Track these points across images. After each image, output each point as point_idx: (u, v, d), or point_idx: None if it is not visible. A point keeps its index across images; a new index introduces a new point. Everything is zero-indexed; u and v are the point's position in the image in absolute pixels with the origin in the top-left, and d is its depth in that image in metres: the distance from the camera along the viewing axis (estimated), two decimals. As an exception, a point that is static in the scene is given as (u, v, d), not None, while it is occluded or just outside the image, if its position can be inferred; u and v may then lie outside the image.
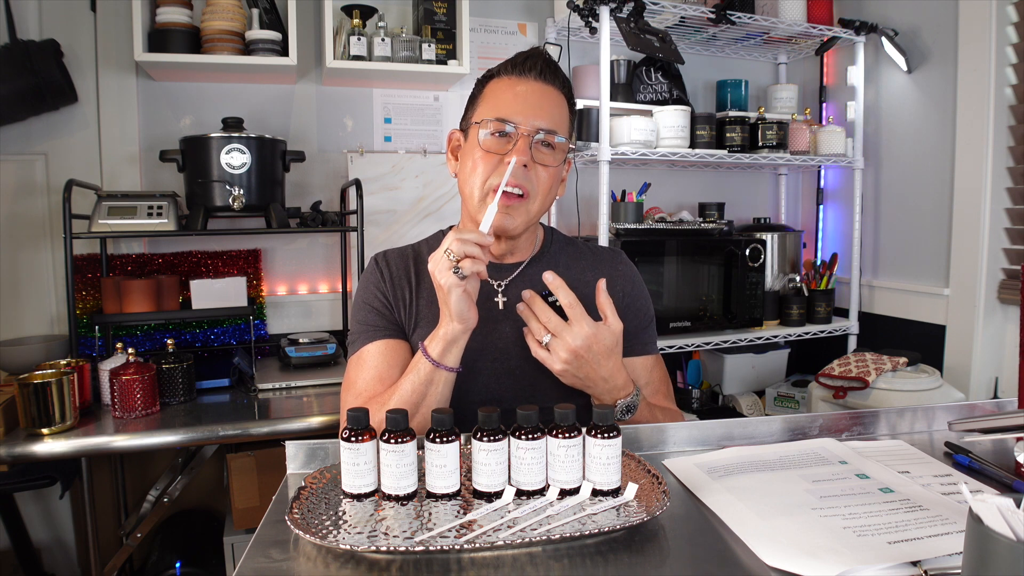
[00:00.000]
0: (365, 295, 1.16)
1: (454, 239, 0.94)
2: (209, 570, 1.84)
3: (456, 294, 0.95)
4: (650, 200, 2.42)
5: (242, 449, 1.83)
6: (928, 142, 2.19)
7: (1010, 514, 0.52)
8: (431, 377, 1.00)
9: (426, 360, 1.00)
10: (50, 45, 1.86)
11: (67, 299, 1.73)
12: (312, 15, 2.14)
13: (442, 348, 0.99)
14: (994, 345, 2.04)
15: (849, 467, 0.91)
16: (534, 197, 1.07)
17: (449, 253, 0.94)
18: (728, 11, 2.14)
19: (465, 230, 0.96)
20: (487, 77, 1.13)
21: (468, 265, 0.94)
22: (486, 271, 0.97)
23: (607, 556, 0.70)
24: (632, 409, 1.05)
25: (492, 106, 1.08)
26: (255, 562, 0.69)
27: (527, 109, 1.06)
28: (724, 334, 2.21)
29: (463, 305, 0.96)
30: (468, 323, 0.98)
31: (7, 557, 1.91)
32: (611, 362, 1.02)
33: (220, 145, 1.82)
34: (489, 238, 0.96)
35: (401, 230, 2.28)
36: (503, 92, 1.08)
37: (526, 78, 1.09)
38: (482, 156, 1.06)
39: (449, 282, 0.95)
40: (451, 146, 1.17)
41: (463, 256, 0.94)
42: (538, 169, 1.07)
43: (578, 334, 0.98)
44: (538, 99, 1.08)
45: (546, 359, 1.01)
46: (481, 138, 1.07)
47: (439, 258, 0.96)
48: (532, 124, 1.06)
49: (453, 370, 1.01)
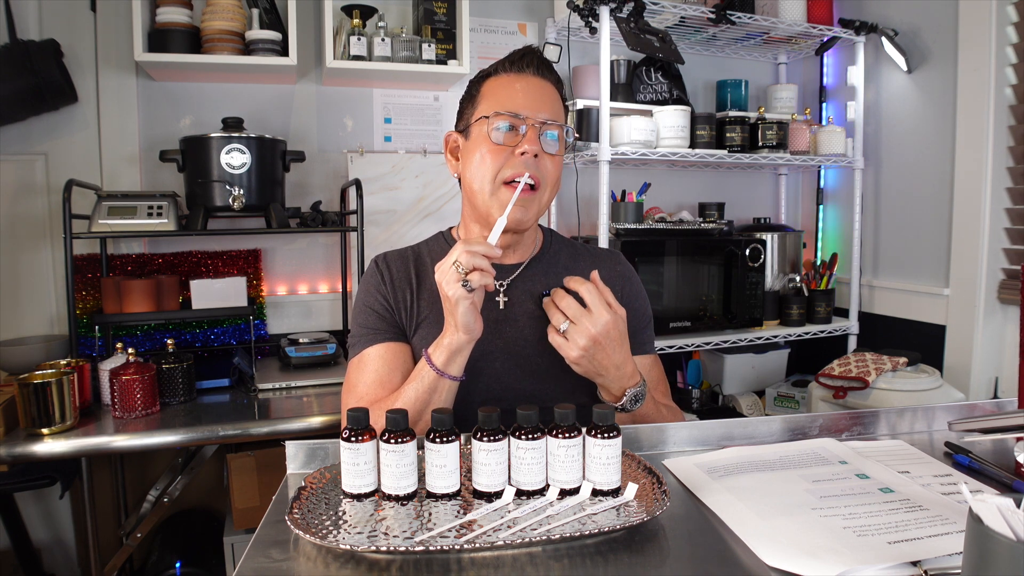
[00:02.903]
0: (366, 298, 1.16)
1: (463, 251, 0.95)
2: (209, 570, 1.84)
3: (464, 306, 0.96)
4: (650, 200, 2.42)
5: (242, 449, 1.83)
6: (928, 142, 2.19)
7: (1010, 514, 0.52)
8: (435, 385, 1.00)
9: (430, 368, 1.00)
10: (50, 45, 1.86)
11: (67, 299, 1.73)
12: (312, 15, 2.14)
13: (446, 357, 1.00)
14: (994, 345, 2.04)
15: (849, 467, 0.91)
16: (544, 187, 1.09)
17: (458, 265, 0.94)
18: (728, 11, 2.14)
19: (474, 242, 0.96)
20: (482, 77, 1.14)
21: (477, 278, 0.94)
22: (493, 283, 0.98)
23: (607, 556, 0.70)
24: (640, 398, 1.06)
25: (496, 102, 1.09)
26: (255, 562, 0.69)
27: (532, 102, 1.08)
28: (724, 334, 2.21)
29: (470, 317, 0.97)
30: (473, 334, 0.99)
31: (7, 557, 1.91)
32: (624, 349, 1.03)
33: (220, 145, 1.82)
34: (497, 250, 0.97)
35: (401, 230, 2.28)
36: (505, 88, 1.10)
37: (525, 74, 1.10)
38: (491, 150, 1.07)
39: (457, 294, 0.95)
40: (449, 148, 1.17)
41: (472, 268, 0.94)
42: (546, 159, 1.08)
43: (598, 320, 0.99)
44: (539, 93, 1.10)
45: (563, 345, 1.02)
46: (490, 132, 1.07)
47: (447, 270, 0.96)
48: (539, 116, 1.07)
49: (457, 379, 1.01)
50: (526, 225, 1.10)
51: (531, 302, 1.14)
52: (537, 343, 1.11)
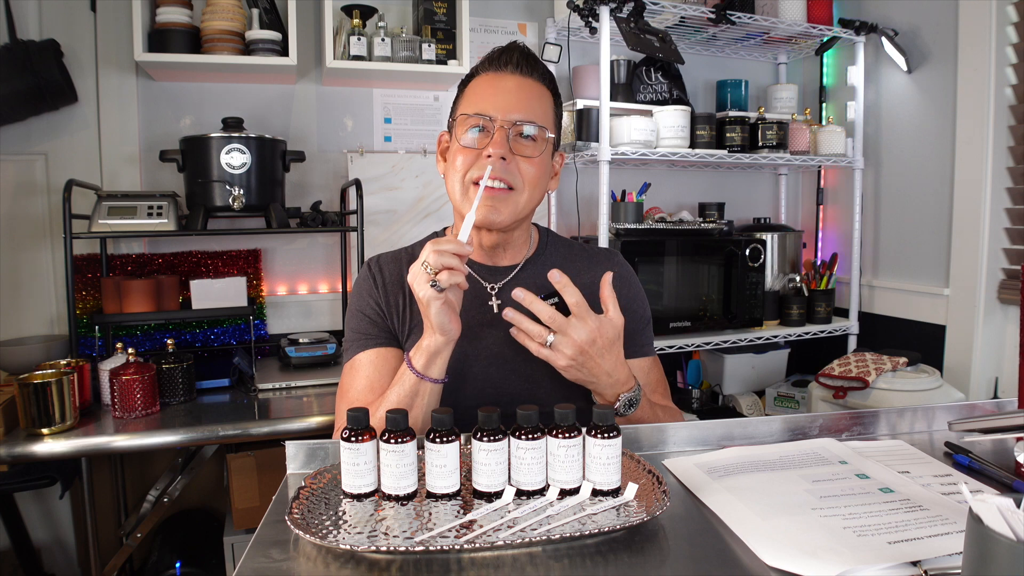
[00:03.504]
0: (358, 302, 1.15)
1: (431, 251, 0.93)
2: (209, 570, 1.84)
3: (435, 307, 0.94)
4: (650, 200, 2.42)
5: (242, 449, 1.83)
6: (928, 142, 2.19)
7: (1010, 514, 0.52)
8: (416, 389, 0.99)
9: (411, 372, 0.99)
10: (50, 45, 1.86)
11: (67, 299, 1.73)
12: (312, 15, 2.14)
13: (425, 360, 0.98)
14: (994, 345, 2.04)
15: (849, 467, 0.91)
16: (521, 190, 1.07)
17: (426, 266, 0.93)
18: (728, 11, 2.14)
19: (443, 240, 0.95)
20: (469, 76, 1.13)
21: (445, 277, 0.93)
22: (466, 281, 0.96)
23: (607, 556, 0.70)
24: (634, 403, 1.05)
25: (471, 102, 1.09)
26: (255, 562, 0.69)
27: (504, 103, 1.06)
28: (724, 334, 2.21)
29: (443, 317, 0.95)
30: (450, 335, 0.97)
31: (7, 557, 1.91)
32: (613, 356, 1.01)
33: (220, 145, 1.82)
34: (468, 247, 0.95)
35: (401, 230, 2.28)
36: (482, 88, 1.09)
37: (503, 72, 1.09)
38: (460, 151, 1.07)
39: (427, 295, 0.93)
40: (440, 148, 1.17)
41: (440, 268, 0.93)
42: (519, 161, 1.06)
43: (582, 329, 0.97)
44: (515, 91, 1.08)
45: (550, 356, 1.00)
46: (459, 134, 1.08)
47: (417, 270, 0.95)
48: (509, 117, 1.06)
49: (439, 381, 1.00)
50: (499, 225, 1.08)
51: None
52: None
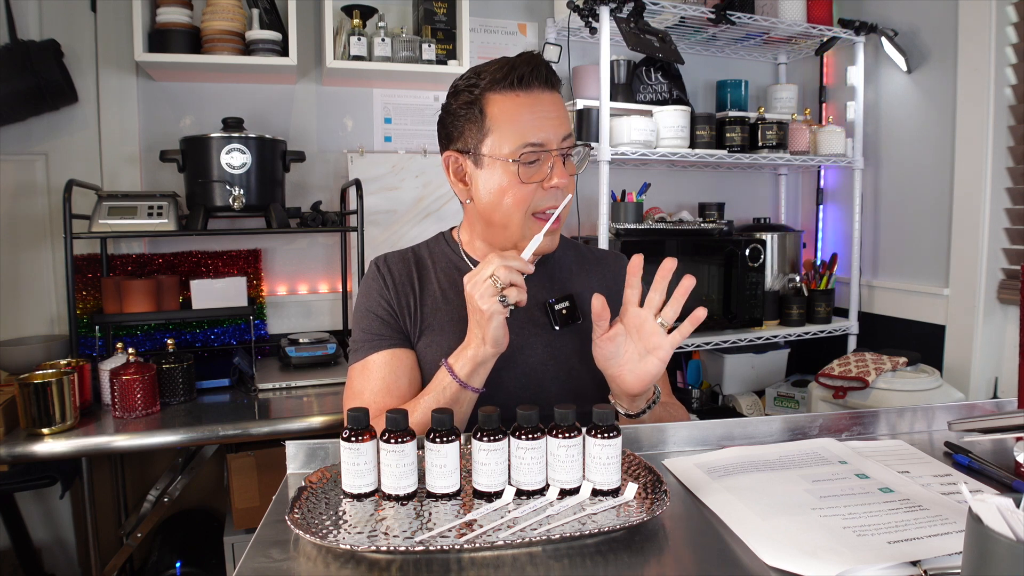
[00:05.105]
0: (368, 302, 1.13)
1: (500, 265, 0.93)
2: (209, 570, 1.84)
3: (497, 320, 0.94)
4: (650, 200, 2.42)
5: (242, 449, 1.83)
6: (928, 142, 2.19)
7: (1010, 514, 0.52)
8: (457, 397, 0.98)
9: (452, 379, 0.98)
10: (50, 45, 1.86)
11: (67, 299, 1.73)
12: (312, 15, 2.14)
13: (470, 369, 0.98)
14: (994, 345, 2.04)
15: (849, 467, 0.91)
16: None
17: (496, 280, 0.92)
18: (728, 11, 2.14)
19: (510, 256, 0.94)
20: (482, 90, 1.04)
21: (514, 294, 0.94)
22: (525, 299, 0.96)
23: (607, 556, 0.70)
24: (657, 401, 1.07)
25: (514, 131, 1.01)
26: (255, 562, 0.69)
27: (551, 126, 1.02)
28: (724, 334, 2.21)
29: (500, 332, 0.96)
30: (501, 347, 0.98)
31: (7, 557, 1.91)
32: None
33: (220, 145, 1.82)
34: (531, 266, 0.96)
35: (401, 230, 2.28)
36: (519, 113, 1.02)
37: (533, 90, 1.03)
38: (519, 185, 1.02)
39: (493, 309, 0.93)
40: (452, 171, 1.09)
41: (508, 284, 0.93)
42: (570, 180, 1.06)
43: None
44: (553, 111, 1.04)
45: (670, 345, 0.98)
46: (517, 170, 1.01)
47: (482, 283, 0.94)
48: (563, 142, 1.04)
49: (479, 391, 1.00)
50: (553, 249, 1.10)
51: (536, 309, 1.11)
52: (541, 350, 1.10)
